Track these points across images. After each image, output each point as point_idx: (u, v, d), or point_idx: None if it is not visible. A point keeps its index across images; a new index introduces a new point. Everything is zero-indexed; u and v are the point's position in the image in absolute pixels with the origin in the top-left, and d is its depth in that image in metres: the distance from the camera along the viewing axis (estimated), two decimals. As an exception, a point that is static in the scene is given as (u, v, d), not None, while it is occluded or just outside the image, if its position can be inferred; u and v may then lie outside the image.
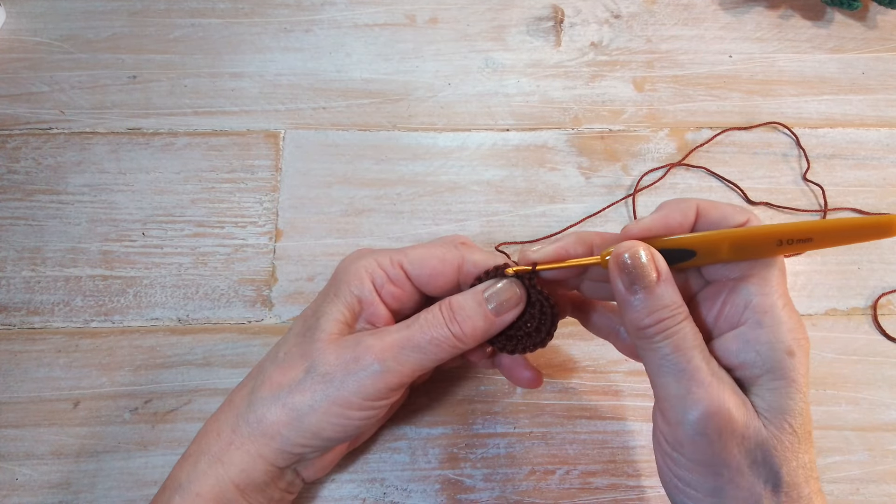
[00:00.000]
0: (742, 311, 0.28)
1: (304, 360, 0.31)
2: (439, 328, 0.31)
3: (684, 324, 0.28)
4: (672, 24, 0.55)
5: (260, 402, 0.31)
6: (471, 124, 0.50)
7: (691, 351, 0.27)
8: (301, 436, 0.31)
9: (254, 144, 0.48)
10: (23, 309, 0.43)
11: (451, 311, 0.31)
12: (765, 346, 0.27)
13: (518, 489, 0.39)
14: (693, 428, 0.26)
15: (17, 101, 0.49)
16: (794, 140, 0.50)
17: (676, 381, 0.27)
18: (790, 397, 0.27)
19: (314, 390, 0.31)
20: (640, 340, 0.28)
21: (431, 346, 0.31)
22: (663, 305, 0.27)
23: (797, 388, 0.27)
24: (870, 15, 0.55)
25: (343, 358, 0.31)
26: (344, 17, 0.54)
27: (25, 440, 0.39)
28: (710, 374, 0.27)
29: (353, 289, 0.33)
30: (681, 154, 0.49)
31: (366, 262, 0.33)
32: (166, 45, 0.52)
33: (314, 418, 0.30)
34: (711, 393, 0.26)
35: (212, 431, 0.32)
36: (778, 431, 0.27)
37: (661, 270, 0.28)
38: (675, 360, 0.27)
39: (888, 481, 0.39)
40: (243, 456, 0.31)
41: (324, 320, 0.32)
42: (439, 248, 0.33)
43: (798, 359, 0.27)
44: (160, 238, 0.45)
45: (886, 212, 0.47)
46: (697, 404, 0.26)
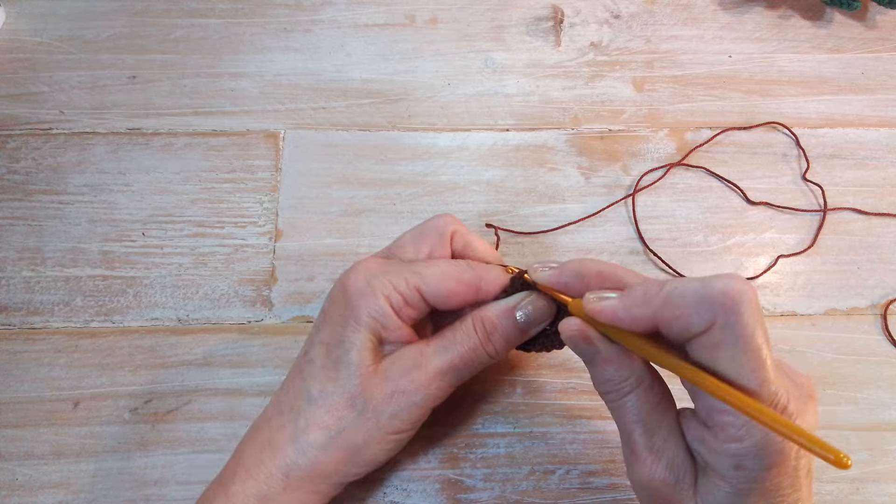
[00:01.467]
0: (705, 414, 0.27)
1: (347, 397, 0.32)
2: (476, 350, 0.33)
3: (627, 398, 0.29)
4: (672, 25, 0.55)
5: (312, 447, 0.32)
6: (471, 124, 0.50)
7: (631, 426, 0.29)
8: (357, 466, 0.33)
9: (254, 144, 0.48)
10: (23, 309, 0.43)
11: (486, 331, 0.33)
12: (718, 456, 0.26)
13: (518, 489, 0.39)
14: (636, 488, 0.30)
15: (17, 102, 0.49)
16: (794, 140, 0.50)
17: (624, 445, 0.30)
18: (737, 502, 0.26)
19: (367, 427, 0.32)
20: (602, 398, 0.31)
21: (469, 367, 0.33)
22: (605, 380, 0.29)
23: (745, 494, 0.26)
24: (869, 15, 0.55)
25: (389, 391, 0.32)
26: (344, 17, 0.54)
27: (25, 440, 0.39)
28: (647, 450, 0.28)
29: (373, 314, 0.32)
30: (680, 154, 0.49)
31: (381, 285, 0.32)
32: (166, 45, 0.52)
33: (370, 451, 0.32)
34: (645, 469, 0.28)
35: (259, 475, 0.31)
36: None
37: (600, 351, 0.29)
38: (621, 428, 0.30)
39: (888, 481, 0.39)
40: (300, 496, 0.32)
41: (354, 353, 0.32)
42: (454, 269, 0.33)
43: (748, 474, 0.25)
44: (160, 238, 0.45)
45: (886, 211, 0.47)
46: (634, 474, 0.29)
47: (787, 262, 0.46)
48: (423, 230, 0.36)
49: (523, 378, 0.42)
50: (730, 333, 0.24)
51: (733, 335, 0.24)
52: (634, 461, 0.29)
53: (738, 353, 0.24)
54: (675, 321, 0.25)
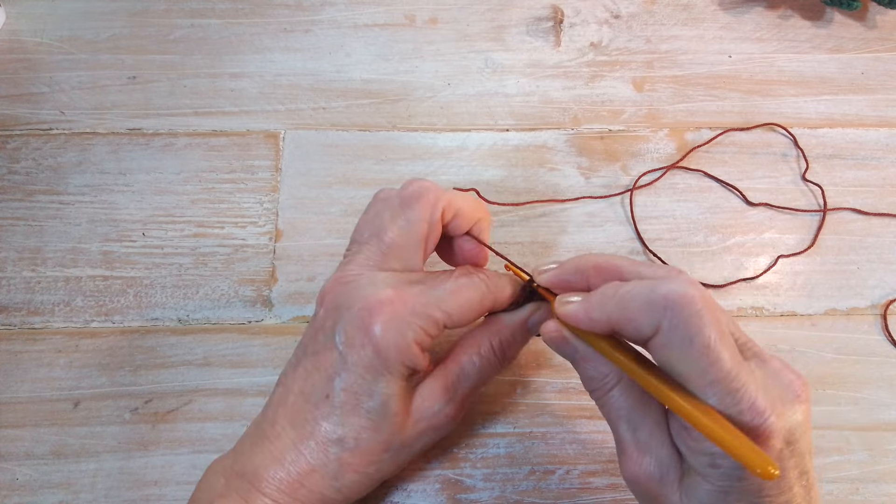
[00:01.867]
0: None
1: (385, 444, 0.32)
2: (494, 369, 0.35)
3: (610, 394, 0.29)
4: (672, 25, 0.55)
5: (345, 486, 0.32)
6: (470, 124, 0.50)
7: (616, 421, 0.29)
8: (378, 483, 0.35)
9: (254, 145, 0.48)
10: (23, 309, 0.43)
11: (503, 350, 0.35)
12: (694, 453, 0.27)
13: (518, 489, 0.39)
14: (626, 482, 0.30)
15: (17, 102, 0.49)
16: (792, 140, 0.50)
17: (615, 440, 0.30)
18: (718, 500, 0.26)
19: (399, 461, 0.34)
20: None
21: (486, 381, 0.35)
22: (589, 377, 0.30)
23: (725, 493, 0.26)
24: (869, 15, 0.55)
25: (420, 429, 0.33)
26: (344, 17, 0.54)
27: (25, 440, 0.39)
28: (632, 446, 0.29)
29: (406, 363, 0.31)
30: (680, 154, 0.49)
31: (415, 335, 0.31)
32: (166, 46, 0.52)
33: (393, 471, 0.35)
34: (630, 464, 0.29)
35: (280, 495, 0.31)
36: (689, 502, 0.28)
37: (578, 351, 0.30)
38: (609, 424, 0.30)
39: (888, 481, 0.39)
40: None
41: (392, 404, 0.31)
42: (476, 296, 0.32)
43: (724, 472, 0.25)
44: (160, 238, 0.45)
45: (886, 212, 0.47)
46: (622, 468, 0.29)
47: (787, 263, 0.46)
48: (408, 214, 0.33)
49: (523, 378, 0.42)
50: (676, 335, 0.25)
51: (679, 337, 0.25)
52: (622, 456, 0.29)
53: (685, 354, 0.25)
54: (628, 324, 0.26)
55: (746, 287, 0.45)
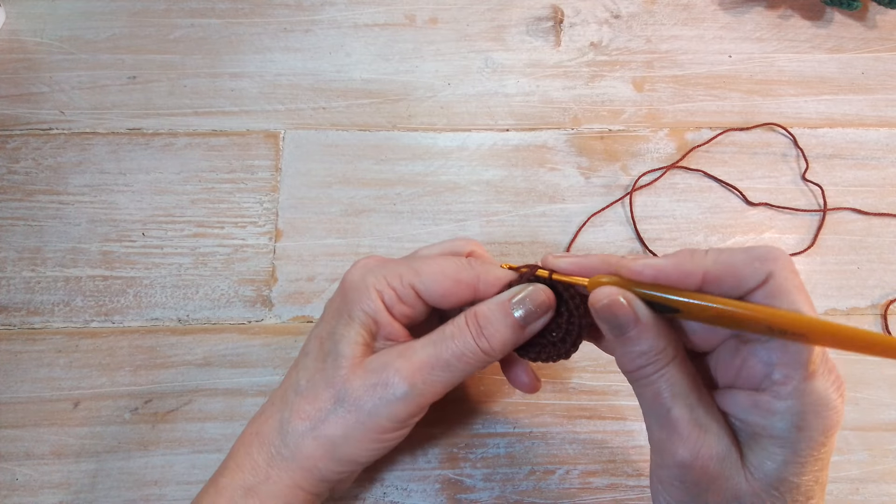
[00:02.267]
0: (761, 378, 0.26)
1: (331, 388, 0.31)
2: (467, 344, 0.30)
3: (665, 370, 0.27)
4: (672, 24, 0.55)
5: (292, 434, 0.31)
6: (471, 124, 0.50)
7: (671, 400, 0.27)
8: (338, 465, 0.31)
9: (254, 144, 0.48)
10: (23, 309, 0.43)
11: (479, 325, 0.31)
12: (777, 416, 0.25)
13: (518, 489, 0.39)
14: (672, 473, 0.27)
15: (17, 102, 0.49)
16: (792, 140, 0.50)
17: (658, 427, 0.27)
18: (790, 468, 0.25)
19: (346, 420, 0.30)
20: (629, 380, 0.28)
21: (460, 363, 0.31)
22: (641, 353, 0.27)
23: (802, 461, 0.25)
24: (869, 15, 0.55)
25: (370, 382, 0.30)
26: (344, 17, 0.54)
27: (25, 440, 0.39)
28: (691, 425, 0.26)
29: (365, 308, 0.32)
30: (680, 154, 0.49)
31: (375, 280, 0.32)
32: (166, 46, 0.52)
33: (349, 448, 0.31)
34: (689, 445, 0.26)
35: (245, 465, 0.31)
36: (762, 492, 0.26)
37: (640, 318, 0.27)
38: (656, 407, 0.27)
39: (888, 481, 0.39)
40: (282, 489, 0.31)
41: (343, 345, 0.31)
42: (452, 267, 0.32)
43: (812, 433, 0.25)
44: (160, 238, 0.45)
45: (886, 211, 0.47)
46: (675, 454, 0.26)
47: (787, 262, 0.46)
48: (441, 246, 0.35)
49: (523, 378, 0.42)
50: (788, 283, 0.25)
51: (790, 285, 0.25)
52: (675, 440, 0.26)
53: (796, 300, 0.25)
54: (730, 277, 0.26)
55: (746, 287, 0.45)
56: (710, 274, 0.26)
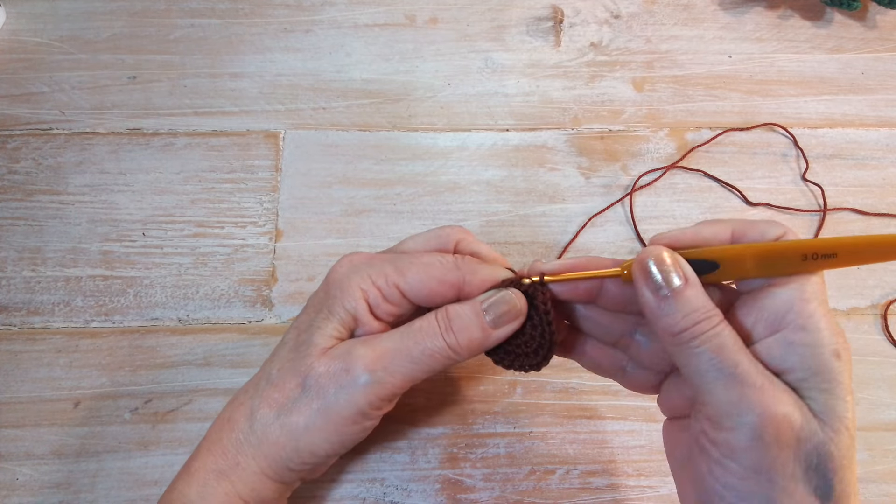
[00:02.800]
0: (783, 316, 0.26)
1: (298, 376, 0.31)
2: (434, 339, 0.30)
3: (722, 326, 0.26)
4: (672, 25, 0.55)
5: (260, 421, 0.31)
6: (471, 124, 0.50)
7: (737, 354, 0.26)
8: (299, 456, 0.31)
9: (254, 145, 0.48)
10: (23, 309, 0.43)
11: (448, 320, 0.30)
12: (811, 348, 0.26)
13: (518, 489, 0.39)
14: (750, 433, 0.25)
15: (17, 102, 0.49)
16: (792, 140, 0.50)
17: (725, 387, 0.26)
18: (842, 399, 0.25)
19: (309, 408, 0.30)
20: (676, 347, 0.27)
21: (424, 356, 0.30)
22: (694, 308, 0.26)
23: (847, 390, 0.26)
24: (869, 15, 0.55)
25: (333, 369, 0.30)
26: (344, 17, 0.54)
27: (25, 440, 0.39)
28: (762, 377, 0.25)
29: (346, 306, 0.32)
30: (680, 154, 0.49)
31: (360, 279, 0.32)
32: (166, 45, 0.52)
33: (310, 438, 0.30)
34: (766, 396, 0.25)
35: (216, 450, 0.32)
36: (835, 434, 0.25)
37: (687, 275, 0.27)
38: (720, 364, 0.26)
39: (888, 481, 0.39)
40: (250, 475, 0.31)
41: (317, 335, 0.31)
42: (438, 267, 0.32)
43: (844, 362, 0.26)
44: (160, 238, 0.45)
45: (886, 212, 0.47)
46: (752, 409, 0.25)
47: (787, 262, 0.46)
48: (428, 235, 0.35)
49: (523, 378, 0.42)
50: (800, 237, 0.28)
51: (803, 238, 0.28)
52: (751, 394, 0.25)
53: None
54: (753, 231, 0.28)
55: (746, 287, 0.45)
56: (737, 228, 0.28)
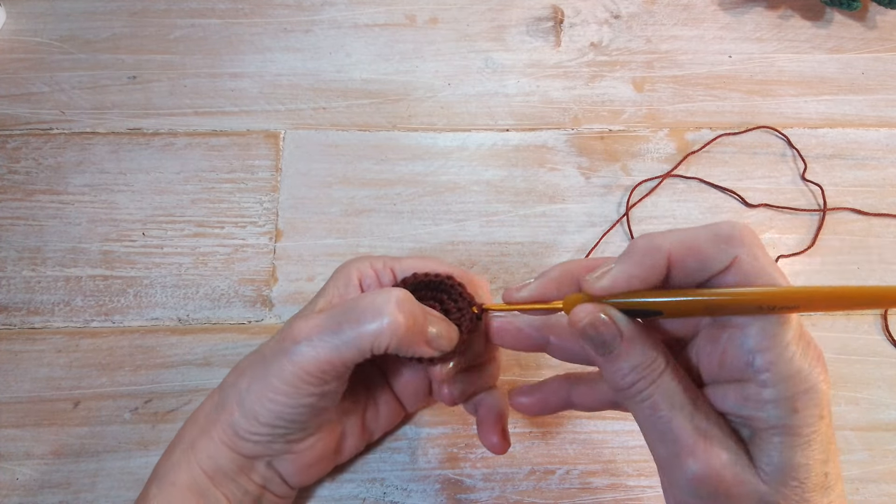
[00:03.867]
0: (743, 367, 0.25)
1: (262, 348, 0.32)
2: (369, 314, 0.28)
3: (660, 381, 0.26)
4: (672, 25, 0.55)
5: (225, 386, 0.32)
6: (471, 124, 0.50)
7: (670, 412, 0.25)
8: (245, 420, 0.30)
9: (254, 144, 0.48)
10: (23, 309, 0.43)
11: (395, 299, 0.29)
12: (769, 404, 0.25)
13: (518, 489, 0.39)
14: (686, 490, 0.25)
15: (17, 102, 0.49)
16: (786, 141, 0.49)
17: (662, 444, 0.26)
18: (797, 452, 0.24)
19: (253, 374, 0.31)
20: (622, 399, 0.27)
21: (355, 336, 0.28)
22: (632, 367, 0.26)
23: (806, 441, 0.25)
24: (869, 15, 0.55)
25: (277, 338, 0.31)
26: (344, 17, 0.54)
27: (25, 440, 0.39)
28: (695, 435, 0.25)
29: (338, 287, 0.33)
30: (680, 154, 0.49)
31: (359, 264, 0.34)
32: (166, 45, 0.52)
33: (249, 400, 0.30)
34: (697, 456, 0.25)
35: (190, 421, 0.33)
36: (781, 486, 0.24)
37: (623, 332, 0.26)
38: (655, 422, 0.26)
39: (888, 481, 0.39)
40: (209, 443, 0.31)
41: (298, 315, 0.33)
42: (433, 262, 0.33)
43: (808, 411, 0.25)
44: (160, 238, 0.45)
45: (886, 212, 0.47)
46: (685, 469, 0.25)
47: (787, 262, 0.46)
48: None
49: (523, 378, 0.42)
50: (760, 261, 0.24)
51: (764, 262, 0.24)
52: (682, 454, 0.25)
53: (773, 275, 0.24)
54: (692, 258, 0.25)
55: (746, 287, 0.45)
56: (675, 257, 0.25)
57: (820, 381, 0.25)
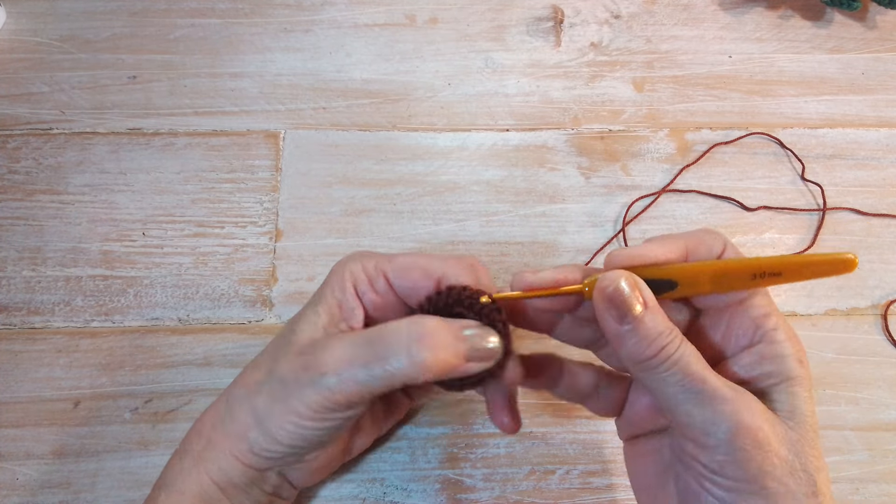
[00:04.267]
0: (753, 331, 0.29)
1: (271, 362, 0.31)
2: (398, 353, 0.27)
3: (684, 346, 0.27)
4: (672, 25, 0.55)
5: (234, 399, 0.32)
6: (471, 124, 0.50)
7: (703, 372, 0.26)
8: (264, 439, 0.30)
9: (254, 144, 0.48)
10: (23, 309, 0.43)
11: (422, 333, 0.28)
12: (780, 358, 0.28)
13: (518, 489, 0.39)
14: (730, 446, 0.26)
15: (17, 102, 0.49)
16: (778, 143, 0.49)
17: (698, 406, 0.26)
18: (806, 400, 0.27)
19: (271, 394, 0.30)
20: (645, 373, 0.27)
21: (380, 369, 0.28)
22: (658, 333, 0.26)
23: (810, 392, 0.28)
24: (869, 15, 0.55)
25: (296, 365, 0.30)
26: (344, 17, 0.54)
27: (25, 440, 0.39)
28: (730, 388, 0.26)
29: (335, 293, 0.32)
30: (680, 155, 0.49)
31: (351, 266, 0.32)
32: (166, 45, 0.52)
33: (271, 423, 0.30)
34: (738, 407, 0.26)
35: (195, 431, 0.32)
36: (803, 432, 0.27)
37: (647, 299, 0.27)
38: (690, 384, 0.26)
39: (888, 481, 0.39)
40: (220, 455, 0.31)
41: (301, 323, 0.31)
42: (425, 259, 0.31)
43: (805, 366, 0.28)
44: (160, 238, 0.45)
45: (886, 212, 0.47)
46: (727, 422, 0.25)
47: (786, 263, 0.46)
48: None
49: (523, 378, 0.42)
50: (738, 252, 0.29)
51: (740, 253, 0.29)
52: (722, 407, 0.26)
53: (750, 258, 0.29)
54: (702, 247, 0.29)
55: (746, 287, 0.45)
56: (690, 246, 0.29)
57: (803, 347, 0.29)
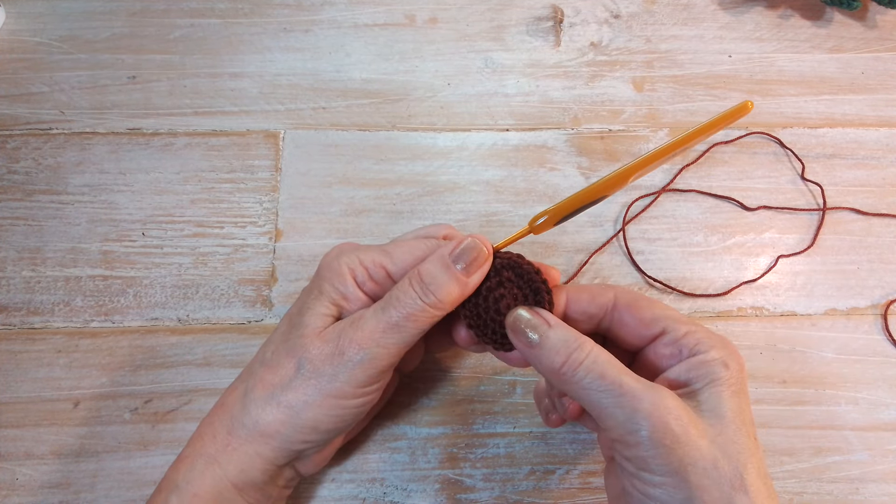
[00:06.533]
0: (679, 351, 0.31)
1: (292, 357, 0.32)
2: (414, 303, 0.31)
3: (596, 351, 0.29)
4: (671, 24, 0.55)
5: (254, 403, 0.32)
6: (470, 124, 0.50)
7: (618, 374, 0.28)
8: (300, 431, 0.31)
9: (254, 144, 0.48)
10: (23, 309, 0.43)
11: (423, 283, 0.31)
12: (703, 364, 0.29)
13: (518, 489, 0.39)
14: (651, 442, 0.27)
15: (17, 102, 0.49)
16: (778, 143, 0.49)
17: (619, 407, 0.27)
18: (729, 399, 0.28)
19: (307, 386, 0.31)
20: (566, 385, 0.29)
21: (410, 322, 0.31)
22: (564, 341, 0.29)
23: (738, 391, 0.29)
24: (869, 15, 0.55)
25: (327, 351, 0.31)
26: (344, 17, 0.54)
27: (25, 440, 0.39)
28: (646, 387, 0.28)
29: (336, 285, 0.33)
30: (680, 155, 0.49)
31: (348, 259, 0.33)
32: (166, 45, 0.52)
33: (311, 413, 0.31)
34: (655, 403, 0.27)
35: (206, 434, 0.32)
36: (724, 428, 0.28)
37: (548, 319, 0.31)
38: (607, 387, 0.28)
39: (888, 481, 0.39)
40: (241, 457, 0.31)
41: (308, 316, 0.33)
42: (421, 248, 0.34)
43: (732, 369, 0.29)
44: (160, 238, 0.45)
45: (886, 212, 0.47)
46: (646, 419, 0.27)
47: (787, 262, 0.46)
48: (416, 232, 0.36)
49: (523, 378, 0.42)
50: None
51: None
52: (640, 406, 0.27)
53: None
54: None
55: (747, 287, 0.45)
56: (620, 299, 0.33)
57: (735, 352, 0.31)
